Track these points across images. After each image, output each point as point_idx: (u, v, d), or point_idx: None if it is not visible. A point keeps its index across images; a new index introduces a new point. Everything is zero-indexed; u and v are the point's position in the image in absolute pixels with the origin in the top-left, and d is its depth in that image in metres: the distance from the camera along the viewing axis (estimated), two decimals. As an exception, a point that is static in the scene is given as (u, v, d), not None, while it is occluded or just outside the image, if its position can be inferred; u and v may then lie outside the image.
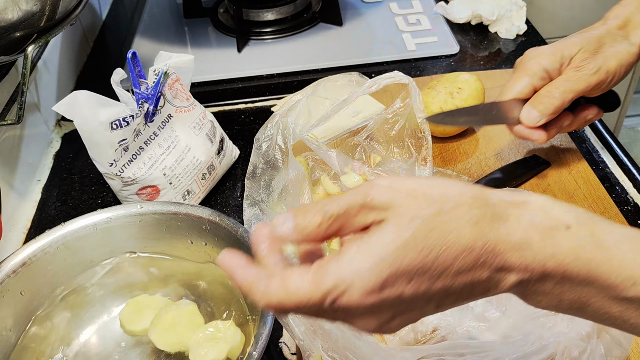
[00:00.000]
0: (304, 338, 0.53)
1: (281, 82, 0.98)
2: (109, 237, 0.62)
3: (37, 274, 0.59)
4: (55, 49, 0.94)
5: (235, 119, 0.91)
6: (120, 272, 0.64)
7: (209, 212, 0.61)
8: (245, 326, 0.58)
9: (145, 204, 0.62)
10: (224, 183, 0.80)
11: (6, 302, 0.56)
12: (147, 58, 0.82)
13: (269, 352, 0.60)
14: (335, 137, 0.82)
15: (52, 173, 0.85)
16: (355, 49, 1.03)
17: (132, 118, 0.65)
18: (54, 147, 0.90)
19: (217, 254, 0.61)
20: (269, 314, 0.50)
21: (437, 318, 0.58)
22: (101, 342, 0.59)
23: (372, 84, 0.69)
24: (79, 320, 0.61)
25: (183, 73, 0.72)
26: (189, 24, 1.14)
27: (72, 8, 0.68)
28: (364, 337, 0.51)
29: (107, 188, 0.80)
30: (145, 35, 1.11)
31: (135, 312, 0.59)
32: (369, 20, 1.11)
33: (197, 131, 0.74)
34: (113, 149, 0.65)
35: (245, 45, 1.06)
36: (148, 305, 0.60)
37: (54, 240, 0.60)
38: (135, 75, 0.67)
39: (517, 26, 1.04)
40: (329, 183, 0.72)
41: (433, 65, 1.00)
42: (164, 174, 0.70)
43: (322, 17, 1.11)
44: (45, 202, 0.81)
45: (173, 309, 0.59)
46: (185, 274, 0.64)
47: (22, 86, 0.67)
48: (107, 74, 0.67)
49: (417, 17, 1.10)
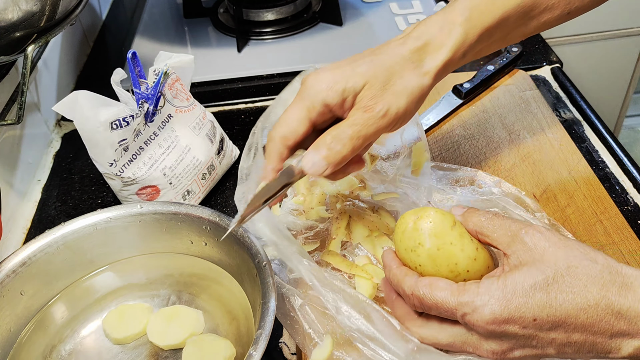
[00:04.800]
0: (313, 326, 0.55)
1: (281, 82, 0.98)
2: (109, 237, 0.62)
3: (37, 274, 0.59)
4: (55, 49, 0.94)
5: (235, 119, 0.91)
6: (120, 272, 0.64)
7: (209, 212, 0.61)
8: (244, 325, 0.58)
9: (145, 204, 0.62)
10: (224, 183, 0.80)
11: (6, 302, 0.57)
12: (147, 58, 0.82)
13: (269, 352, 0.60)
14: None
15: (52, 173, 0.85)
16: (355, 49, 1.02)
17: (132, 118, 0.65)
18: (54, 147, 0.90)
19: (217, 254, 0.62)
20: (268, 314, 0.50)
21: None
22: (101, 342, 0.59)
23: None
24: (78, 320, 0.61)
25: (183, 73, 0.72)
26: (189, 24, 1.14)
27: (72, 8, 0.68)
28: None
29: (107, 188, 0.80)
30: (145, 35, 1.11)
31: (119, 321, 0.59)
32: (369, 20, 1.11)
33: (197, 131, 0.74)
34: (113, 149, 0.65)
35: (245, 45, 1.06)
36: (131, 313, 0.60)
37: (54, 240, 0.60)
38: (135, 75, 0.67)
39: (517, 26, 1.04)
40: (327, 185, 0.72)
41: (433, 65, 1.00)
42: (164, 174, 0.70)
43: (322, 17, 1.11)
44: (45, 202, 0.81)
45: (170, 308, 0.59)
46: (185, 274, 0.64)
47: (22, 86, 0.67)
48: (107, 74, 0.67)
49: (417, 17, 1.10)
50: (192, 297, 0.62)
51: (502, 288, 0.45)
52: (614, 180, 0.76)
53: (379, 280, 0.61)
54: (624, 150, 0.79)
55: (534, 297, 0.44)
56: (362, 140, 0.53)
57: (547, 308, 0.44)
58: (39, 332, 0.59)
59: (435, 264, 0.50)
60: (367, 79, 0.53)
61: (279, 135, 0.54)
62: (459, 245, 0.50)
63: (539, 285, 0.45)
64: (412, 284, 0.49)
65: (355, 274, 0.62)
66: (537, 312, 0.44)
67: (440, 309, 0.48)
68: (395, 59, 0.55)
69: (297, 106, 0.54)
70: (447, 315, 0.48)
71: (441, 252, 0.50)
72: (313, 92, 0.54)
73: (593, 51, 1.51)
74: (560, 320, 0.44)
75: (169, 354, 0.58)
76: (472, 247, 0.50)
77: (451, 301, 0.47)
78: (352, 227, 0.68)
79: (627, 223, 0.68)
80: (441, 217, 0.51)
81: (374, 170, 0.75)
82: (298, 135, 0.54)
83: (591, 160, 0.78)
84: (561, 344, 0.45)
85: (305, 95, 0.54)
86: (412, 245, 0.51)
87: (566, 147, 0.79)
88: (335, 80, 0.54)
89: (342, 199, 0.70)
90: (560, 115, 0.86)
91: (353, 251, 0.66)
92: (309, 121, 0.54)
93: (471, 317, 0.46)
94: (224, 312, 0.60)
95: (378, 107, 0.53)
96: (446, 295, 0.47)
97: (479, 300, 0.45)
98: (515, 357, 0.47)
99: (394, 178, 0.74)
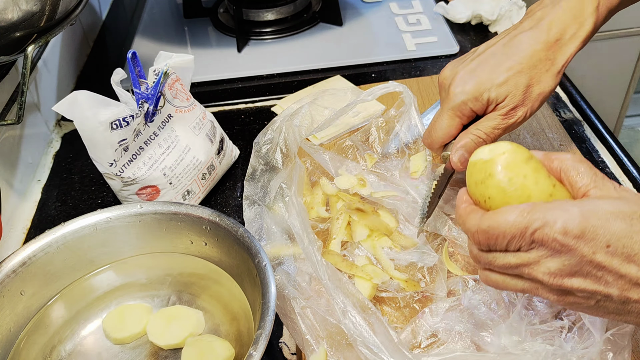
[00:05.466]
0: (308, 332, 0.54)
1: (281, 82, 0.98)
2: (109, 237, 0.62)
3: (37, 274, 0.59)
4: (55, 49, 0.94)
5: (235, 119, 0.91)
6: (120, 272, 0.64)
7: (209, 212, 0.61)
8: (244, 325, 0.58)
9: (145, 204, 0.62)
10: (224, 183, 0.80)
11: (6, 302, 0.57)
12: (147, 58, 0.82)
13: (269, 352, 0.60)
14: (336, 136, 0.82)
15: (52, 173, 0.85)
16: (355, 49, 1.03)
17: (132, 118, 0.65)
18: (54, 147, 0.90)
19: (217, 254, 0.62)
20: (268, 314, 0.50)
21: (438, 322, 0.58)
22: (101, 342, 0.59)
23: (367, 95, 0.70)
24: (78, 320, 0.61)
25: (183, 73, 0.72)
26: (189, 24, 1.14)
27: (72, 8, 0.68)
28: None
29: (107, 188, 0.80)
30: (145, 35, 1.11)
31: (119, 321, 0.59)
32: (369, 20, 1.11)
33: (197, 131, 0.74)
34: (113, 149, 0.65)
35: (245, 45, 1.06)
36: (131, 313, 0.60)
37: (54, 240, 0.60)
38: (135, 75, 0.67)
39: (517, 26, 1.04)
40: (328, 185, 0.72)
41: (433, 65, 1.00)
42: (164, 174, 0.70)
43: (322, 17, 1.11)
44: (45, 202, 0.81)
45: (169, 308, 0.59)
46: (185, 274, 0.64)
47: (22, 86, 0.67)
48: (107, 74, 0.67)
49: (417, 17, 1.10)
50: (193, 297, 0.62)
51: (580, 206, 0.42)
52: (614, 180, 0.76)
53: (379, 281, 0.61)
54: (624, 150, 0.79)
55: (615, 224, 0.41)
56: (500, 136, 0.62)
57: (625, 238, 0.40)
58: (38, 332, 0.59)
59: (505, 197, 0.46)
60: (509, 90, 0.60)
61: (440, 141, 0.64)
62: (533, 178, 0.45)
63: (623, 214, 0.41)
64: (477, 219, 0.46)
65: (355, 274, 0.62)
66: (614, 239, 0.40)
67: (508, 234, 0.43)
68: (532, 60, 0.60)
69: (448, 114, 0.62)
70: (517, 241, 0.43)
71: (512, 184, 0.45)
72: (460, 101, 0.61)
73: (593, 51, 1.51)
74: (636, 254, 0.40)
75: (168, 353, 0.58)
76: (548, 183, 0.46)
77: (520, 220, 0.42)
78: (352, 227, 0.68)
79: (627, 223, 0.68)
80: (515, 149, 0.47)
81: (374, 170, 0.75)
82: (452, 137, 0.64)
83: (591, 160, 0.78)
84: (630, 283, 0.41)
85: (454, 105, 0.62)
86: (481, 178, 0.47)
87: (566, 147, 0.79)
88: (479, 91, 0.60)
89: (342, 199, 0.70)
90: (560, 115, 0.86)
91: (353, 251, 0.66)
92: (461, 125, 0.63)
93: (541, 232, 0.42)
94: (224, 312, 0.60)
95: (518, 114, 0.61)
96: (514, 217, 0.43)
97: (551, 215, 0.42)
98: (574, 286, 0.43)
99: (394, 178, 0.74)
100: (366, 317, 0.53)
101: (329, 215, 0.70)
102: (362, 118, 0.84)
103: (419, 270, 0.64)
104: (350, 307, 0.53)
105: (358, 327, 0.51)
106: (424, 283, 0.63)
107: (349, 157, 0.77)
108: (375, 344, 0.50)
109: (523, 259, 0.44)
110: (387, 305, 0.61)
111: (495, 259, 0.46)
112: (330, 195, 0.72)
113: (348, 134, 0.81)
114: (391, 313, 0.61)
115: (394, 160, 0.75)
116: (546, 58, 0.60)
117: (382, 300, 0.61)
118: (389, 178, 0.73)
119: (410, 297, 0.61)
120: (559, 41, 0.60)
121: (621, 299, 0.42)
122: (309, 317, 0.56)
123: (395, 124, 0.76)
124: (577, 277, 0.42)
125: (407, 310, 0.61)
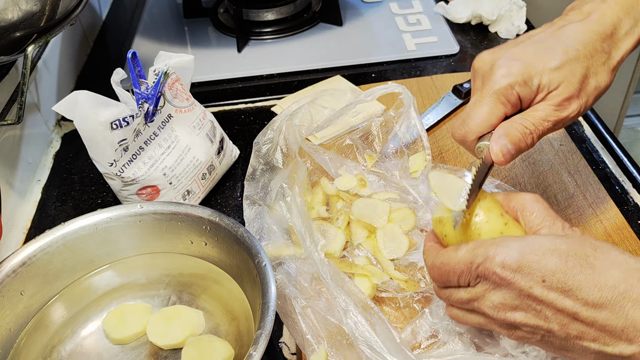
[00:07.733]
0: (309, 332, 0.54)
1: (281, 82, 0.98)
2: (109, 237, 0.62)
3: (37, 274, 0.59)
4: (55, 49, 0.94)
5: (235, 119, 0.91)
6: (120, 272, 0.64)
7: (209, 212, 0.61)
8: (244, 325, 0.58)
9: (145, 204, 0.62)
10: (224, 183, 0.80)
11: (6, 302, 0.57)
12: (147, 58, 0.82)
13: (269, 352, 0.60)
14: (336, 136, 0.82)
15: (52, 173, 0.85)
16: (355, 49, 1.03)
17: (132, 118, 0.65)
18: (54, 147, 0.90)
19: (217, 254, 0.62)
20: (268, 314, 0.50)
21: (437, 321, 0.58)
22: (101, 342, 0.59)
23: (367, 95, 0.71)
24: (78, 320, 0.61)
25: (183, 73, 0.72)
26: (189, 24, 1.14)
27: (72, 8, 0.68)
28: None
29: (107, 188, 0.80)
30: (145, 35, 1.11)
31: (119, 321, 0.59)
32: (369, 20, 1.11)
33: (197, 131, 0.74)
34: (113, 149, 0.65)
35: (245, 45, 1.06)
36: (131, 313, 0.60)
37: (54, 240, 0.60)
38: (135, 75, 0.67)
39: (517, 26, 1.04)
40: (328, 185, 0.72)
41: (433, 65, 1.00)
42: (164, 174, 0.70)
43: (322, 17, 1.11)
44: (45, 202, 0.81)
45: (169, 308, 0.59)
46: (185, 274, 0.64)
47: (22, 86, 0.67)
48: (107, 74, 0.67)
49: (417, 17, 1.10)
50: (193, 297, 0.62)
51: (520, 242, 0.43)
52: (614, 180, 0.76)
53: (379, 281, 0.61)
54: (624, 150, 0.79)
55: (550, 259, 0.42)
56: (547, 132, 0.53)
57: (559, 274, 0.41)
58: (38, 332, 0.59)
59: (458, 234, 0.49)
60: (564, 76, 0.51)
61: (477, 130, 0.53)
62: (484, 217, 0.48)
63: (559, 251, 0.42)
64: (433, 256, 0.49)
65: (355, 273, 0.62)
66: (549, 274, 0.42)
67: (457, 270, 0.46)
68: (588, 48, 0.52)
69: (490, 99, 0.52)
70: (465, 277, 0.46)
71: (464, 222, 0.48)
72: (507, 84, 0.52)
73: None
74: (570, 290, 0.41)
75: (168, 353, 0.58)
76: (499, 222, 0.48)
77: (467, 256, 0.45)
78: (352, 227, 0.68)
79: (627, 223, 0.68)
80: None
81: (374, 170, 0.75)
82: (492, 128, 0.53)
83: (591, 160, 0.78)
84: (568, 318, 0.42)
85: (499, 88, 0.52)
86: (439, 216, 0.50)
87: (566, 147, 0.79)
88: (529, 74, 0.52)
89: (343, 199, 0.70)
90: (560, 115, 0.86)
91: (353, 251, 0.66)
92: (504, 115, 0.53)
93: (483, 266, 0.44)
94: (224, 312, 0.60)
95: (572, 107, 0.52)
96: (462, 253, 0.45)
97: (492, 250, 0.44)
98: (516, 320, 0.44)
99: (394, 178, 0.74)
100: (368, 316, 0.53)
101: (329, 215, 0.70)
102: (362, 118, 0.84)
103: (419, 270, 0.64)
104: (352, 307, 0.53)
105: (360, 326, 0.52)
106: (424, 283, 0.63)
107: (349, 157, 0.77)
108: (377, 343, 0.50)
109: (472, 294, 0.46)
110: (387, 305, 0.61)
111: (451, 294, 0.48)
112: (330, 195, 0.72)
113: (348, 133, 0.81)
114: (391, 313, 0.61)
115: (393, 160, 0.76)
116: (602, 50, 0.53)
117: (382, 300, 0.61)
118: (389, 178, 0.73)
119: (410, 297, 0.61)
120: (614, 35, 0.54)
121: (562, 335, 0.43)
122: (309, 316, 0.56)
123: (395, 125, 0.77)
124: (519, 311, 0.44)
125: (407, 311, 0.61)
